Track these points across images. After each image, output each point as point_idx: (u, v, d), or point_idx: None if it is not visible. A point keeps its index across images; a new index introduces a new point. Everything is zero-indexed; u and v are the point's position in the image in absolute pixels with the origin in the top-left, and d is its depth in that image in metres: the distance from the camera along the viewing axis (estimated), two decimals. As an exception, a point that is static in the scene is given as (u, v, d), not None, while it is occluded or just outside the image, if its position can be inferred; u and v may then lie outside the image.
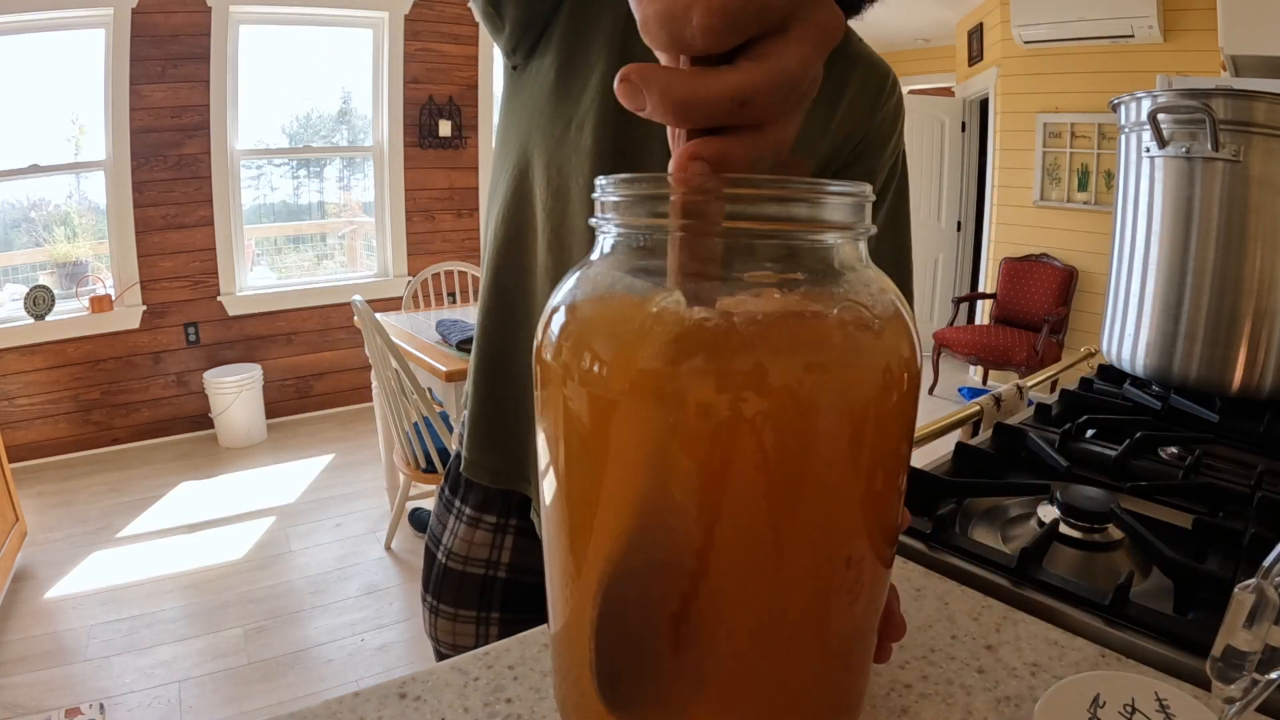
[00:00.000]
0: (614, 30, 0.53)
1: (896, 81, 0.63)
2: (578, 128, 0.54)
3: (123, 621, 2.12)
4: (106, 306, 3.29)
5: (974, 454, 0.74)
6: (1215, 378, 0.88)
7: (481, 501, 0.69)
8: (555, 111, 0.55)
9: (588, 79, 0.54)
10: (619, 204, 0.28)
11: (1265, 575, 0.29)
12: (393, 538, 2.60)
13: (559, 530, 0.30)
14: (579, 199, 0.55)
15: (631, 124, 0.52)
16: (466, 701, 0.40)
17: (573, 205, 0.55)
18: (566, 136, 0.54)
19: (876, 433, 0.27)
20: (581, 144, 0.54)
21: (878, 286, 0.29)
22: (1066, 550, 0.57)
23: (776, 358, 0.25)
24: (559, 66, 0.55)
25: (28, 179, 3.20)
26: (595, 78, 0.53)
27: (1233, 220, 0.85)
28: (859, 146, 0.62)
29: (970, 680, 0.42)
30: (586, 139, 0.53)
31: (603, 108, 0.53)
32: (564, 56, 0.55)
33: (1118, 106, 0.97)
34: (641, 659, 0.30)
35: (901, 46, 5.00)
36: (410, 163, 3.95)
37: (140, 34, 3.16)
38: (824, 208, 0.27)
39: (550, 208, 0.56)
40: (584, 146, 0.54)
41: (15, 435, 3.15)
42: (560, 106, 0.55)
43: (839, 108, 0.59)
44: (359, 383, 3.96)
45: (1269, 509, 0.61)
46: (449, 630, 0.71)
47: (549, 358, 0.28)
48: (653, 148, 0.54)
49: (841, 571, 0.29)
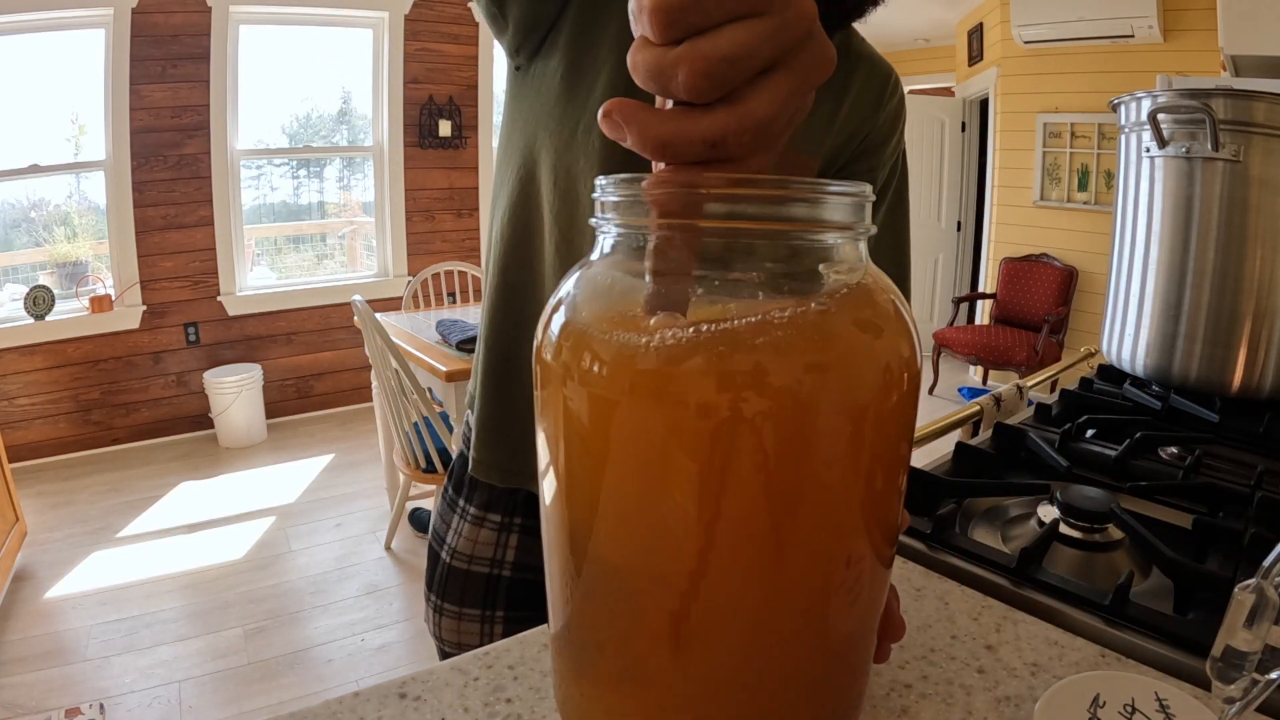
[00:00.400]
0: (621, 33, 0.52)
1: (899, 81, 0.64)
2: (585, 130, 0.54)
3: (123, 621, 2.12)
4: (106, 306, 3.29)
5: (974, 454, 0.74)
6: (1215, 378, 0.89)
7: (487, 500, 0.69)
8: (563, 114, 0.55)
9: (595, 81, 0.53)
10: (619, 204, 0.28)
11: (1265, 575, 0.29)
12: (393, 538, 2.60)
13: (559, 530, 0.30)
14: (588, 201, 0.54)
15: None
16: (466, 701, 0.40)
17: (581, 207, 0.55)
18: (575, 139, 0.54)
19: (876, 433, 0.27)
20: (590, 147, 0.54)
21: (878, 286, 0.29)
22: (1066, 550, 0.57)
23: (776, 358, 0.25)
24: (566, 68, 0.54)
25: (28, 179, 3.20)
26: (603, 80, 0.53)
27: (1233, 220, 0.85)
28: (862, 145, 0.62)
29: (970, 680, 0.42)
30: (595, 142, 0.53)
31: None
32: (571, 58, 0.54)
33: (1118, 106, 0.97)
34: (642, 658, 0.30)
35: (901, 46, 5.00)
36: (410, 163, 3.95)
37: (140, 34, 3.16)
38: (823, 208, 0.27)
39: (558, 210, 0.56)
40: (592, 149, 0.53)
41: (15, 435, 3.15)
42: (568, 109, 0.55)
43: (843, 106, 0.59)
44: (359, 383, 3.96)
45: (1269, 509, 0.61)
46: (454, 629, 0.71)
47: (549, 357, 0.28)
48: None
49: (841, 571, 0.29)
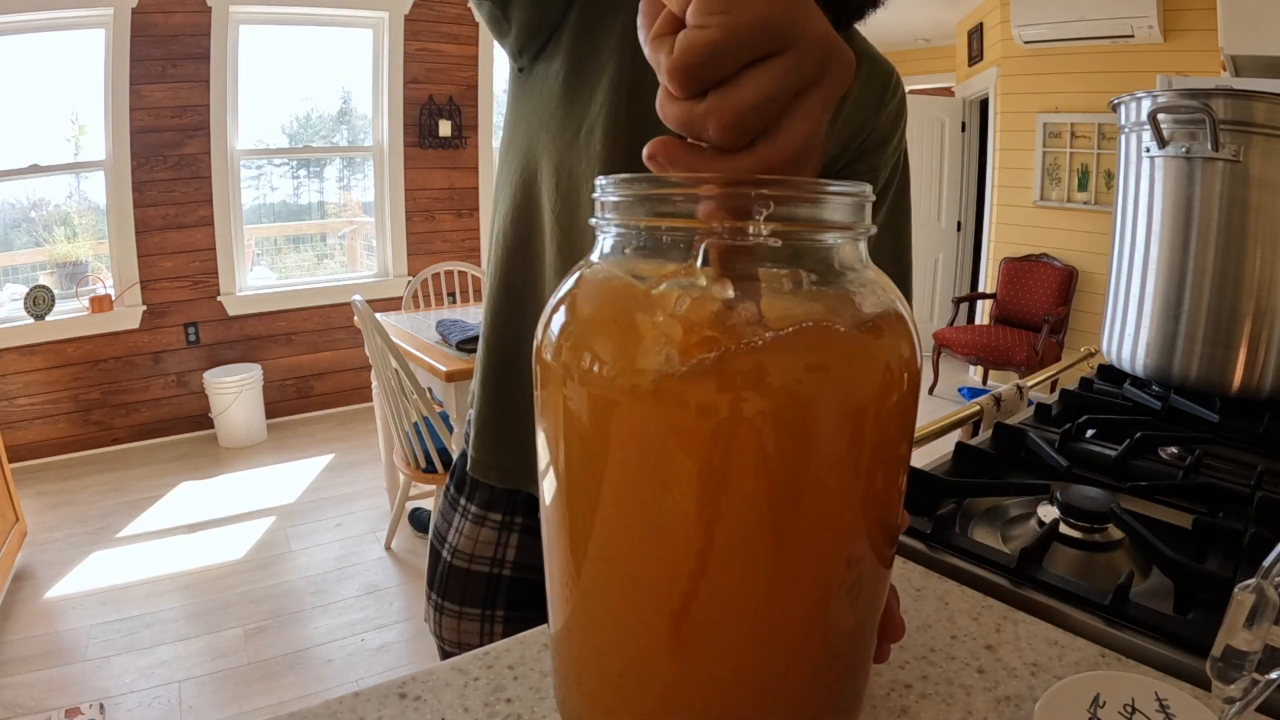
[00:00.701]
0: (623, 35, 0.52)
1: (900, 80, 0.64)
2: (588, 132, 0.54)
3: (123, 621, 2.12)
4: (106, 306, 3.29)
5: (974, 454, 0.74)
6: (1215, 378, 0.88)
7: (488, 500, 0.69)
8: (565, 116, 0.55)
9: (598, 84, 0.53)
10: (619, 204, 0.28)
11: (1265, 575, 0.29)
12: (393, 538, 2.60)
13: (559, 531, 0.30)
14: (589, 203, 0.54)
15: (642, 129, 0.52)
16: (466, 701, 0.40)
17: (583, 209, 0.55)
18: (577, 141, 0.54)
19: (876, 433, 0.27)
20: (592, 149, 0.54)
21: (878, 286, 0.29)
22: (1066, 550, 0.57)
23: (777, 358, 0.25)
24: (568, 71, 0.54)
25: (28, 179, 3.20)
26: (605, 82, 0.53)
27: (1233, 220, 0.85)
28: (863, 144, 0.62)
29: (970, 680, 0.42)
30: (596, 144, 0.53)
31: (613, 112, 0.52)
32: (573, 60, 0.54)
33: (1118, 106, 0.97)
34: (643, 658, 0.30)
35: (901, 46, 5.00)
36: (410, 163, 3.95)
37: (140, 34, 3.16)
38: (824, 208, 0.27)
39: (560, 211, 0.57)
40: (594, 151, 0.54)
41: (15, 435, 3.15)
42: (570, 111, 0.55)
43: (844, 106, 0.59)
44: (359, 383, 3.96)
45: (1269, 509, 0.61)
46: (454, 628, 0.71)
47: (549, 358, 0.28)
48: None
49: (842, 571, 0.29)
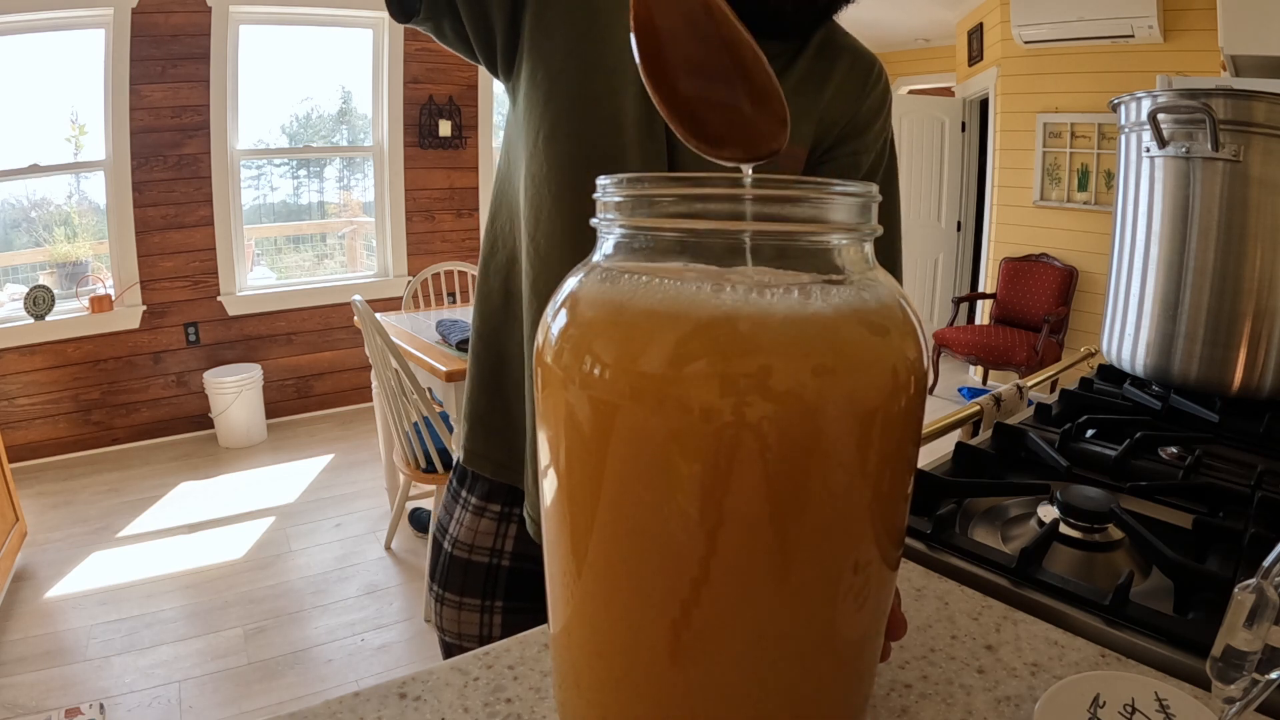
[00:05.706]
0: (572, 41, 0.56)
1: (883, 70, 0.67)
2: (547, 139, 0.57)
3: (123, 621, 2.12)
4: (106, 306, 3.28)
5: (974, 454, 0.74)
6: (1215, 378, 0.88)
7: (487, 491, 0.71)
8: (526, 122, 0.58)
9: (550, 89, 0.56)
10: (620, 204, 0.28)
11: (1265, 575, 0.29)
12: (393, 538, 2.59)
13: (559, 532, 0.30)
14: (549, 208, 0.57)
15: (595, 134, 0.56)
16: (466, 701, 0.40)
17: (544, 213, 0.58)
18: (536, 146, 0.57)
19: (884, 436, 0.27)
20: (551, 153, 0.57)
21: (884, 288, 0.29)
22: (1066, 550, 0.57)
23: (782, 361, 0.25)
24: (527, 79, 0.58)
25: (28, 179, 3.19)
26: (560, 89, 0.56)
27: (1232, 220, 0.85)
28: (845, 130, 0.65)
29: (970, 680, 0.42)
30: (550, 148, 0.57)
31: (567, 117, 0.56)
32: (529, 69, 0.58)
33: (1118, 106, 0.97)
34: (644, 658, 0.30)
35: (901, 46, 5.00)
36: (410, 163, 3.95)
37: (140, 34, 3.15)
38: (828, 208, 0.26)
39: (528, 216, 0.59)
40: (550, 156, 0.57)
41: (15, 435, 3.15)
42: (529, 117, 0.58)
43: (824, 95, 0.62)
44: (359, 383, 3.96)
45: (1269, 509, 0.61)
46: (454, 619, 0.72)
47: (550, 360, 0.28)
48: (618, 158, 0.56)
49: (849, 577, 0.28)
